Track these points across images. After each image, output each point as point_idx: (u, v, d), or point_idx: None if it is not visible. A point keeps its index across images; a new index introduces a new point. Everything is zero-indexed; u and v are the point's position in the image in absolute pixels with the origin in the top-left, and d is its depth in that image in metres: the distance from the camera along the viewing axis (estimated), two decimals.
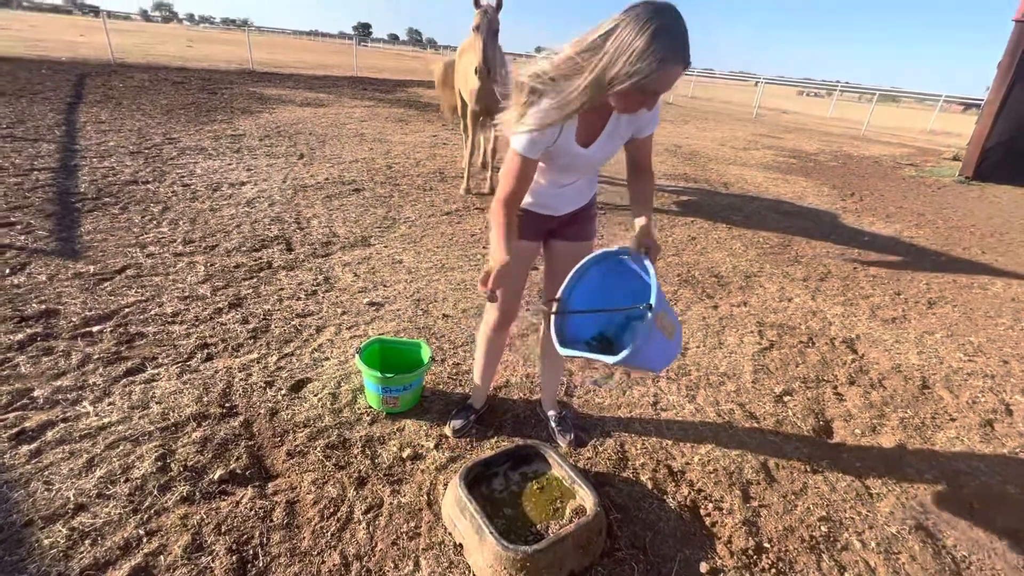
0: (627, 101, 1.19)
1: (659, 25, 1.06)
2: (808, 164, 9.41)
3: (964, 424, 2.35)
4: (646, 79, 1.09)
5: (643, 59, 1.07)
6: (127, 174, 4.59)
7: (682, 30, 1.09)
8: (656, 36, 1.06)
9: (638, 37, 1.06)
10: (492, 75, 4.08)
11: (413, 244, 3.79)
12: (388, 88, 14.69)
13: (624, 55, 1.08)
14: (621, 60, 1.09)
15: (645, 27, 1.06)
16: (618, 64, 1.10)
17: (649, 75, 1.09)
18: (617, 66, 1.10)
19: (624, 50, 1.08)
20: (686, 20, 1.09)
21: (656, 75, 1.09)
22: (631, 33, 1.07)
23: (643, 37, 1.06)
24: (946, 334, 3.23)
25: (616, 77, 1.11)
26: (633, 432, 2.07)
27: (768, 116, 19.15)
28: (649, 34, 1.06)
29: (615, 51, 1.09)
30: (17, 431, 1.74)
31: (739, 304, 3.34)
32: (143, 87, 9.75)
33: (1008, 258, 4.99)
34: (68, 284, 2.71)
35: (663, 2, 1.09)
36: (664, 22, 1.07)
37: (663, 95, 1.23)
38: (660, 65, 1.07)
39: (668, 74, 1.10)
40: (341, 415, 2.00)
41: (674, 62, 1.09)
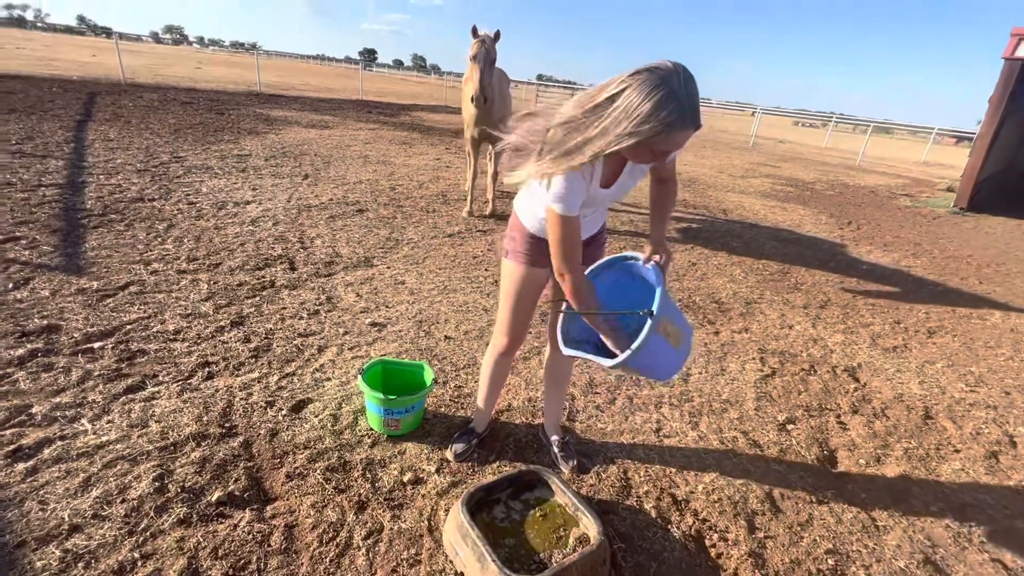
0: (636, 156, 1.23)
1: (667, 91, 1.07)
2: (805, 193, 9.54)
3: (969, 456, 2.33)
4: (651, 140, 1.11)
5: (648, 122, 1.08)
6: (134, 191, 4.63)
7: (690, 94, 1.09)
8: (663, 102, 1.07)
9: (645, 101, 1.07)
10: (488, 103, 4.20)
11: (416, 265, 3.80)
12: (392, 112, 14.95)
13: (629, 117, 1.10)
14: (626, 122, 1.10)
15: (652, 93, 1.07)
16: (623, 124, 1.11)
17: (653, 137, 1.11)
18: (622, 126, 1.11)
19: (630, 113, 1.09)
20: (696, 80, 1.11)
21: (661, 137, 1.11)
22: (638, 97, 1.08)
23: (650, 102, 1.07)
24: (947, 364, 3.23)
25: (620, 136, 1.12)
26: (636, 459, 2.05)
27: (765, 145, 19.48)
28: (656, 100, 1.07)
29: (621, 112, 1.11)
30: (14, 448, 1.72)
31: (740, 330, 3.34)
32: (152, 107, 9.91)
33: (1005, 288, 5.03)
34: (71, 300, 2.71)
35: (673, 66, 1.10)
36: (673, 87, 1.07)
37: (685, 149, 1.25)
38: (666, 129, 1.09)
39: (674, 137, 1.12)
40: (342, 437, 1.98)
41: (681, 127, 1.10)
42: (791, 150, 18.86)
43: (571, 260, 1.39)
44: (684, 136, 1.14)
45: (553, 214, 1.35)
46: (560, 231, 1.36)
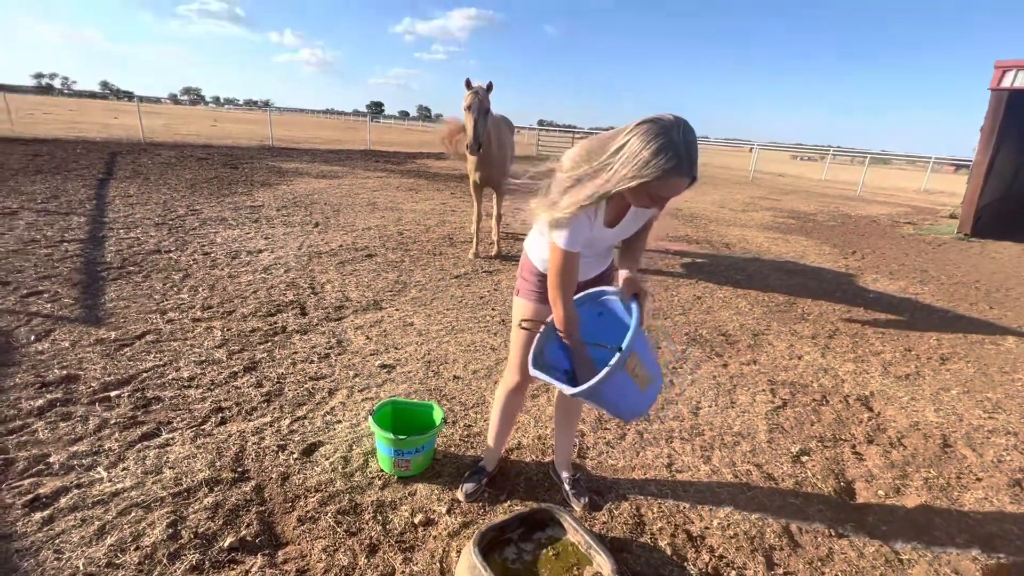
0: (636, 200, 1.32)
1: (666, 141, 1.18)
2: (807, 224, 9.63)
3: (992, 484, 2.28)
4: (648, 185, 1.22)
5: (647, 168, 1.19)
6: (151, 244, 4.80)
7: (688, 145, 1.20)
8: (661, 150, 1.18)
9: (645, 148, 1.19)
10: (481, 150, 4.41)
11: (424, 307, 3.87)
12: (399, 160, 15.47)
13: (631, 162, 1.21)
14: (628, 166, 1.21)
15: (652, 141, 1.19)
16: (626, 168, 1.22)
17: (651, 181, 1.21)
18: (625, 169, 1.22)
19: (632, 158, 1.21)
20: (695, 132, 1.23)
21: (658, 183, 1.22)
22: (640, 144, 1.20)
23: (649, 149, 1.19)
24: (962, 390, 3.19)
25: (623, 179, 1.23)
26: (649, 495, 2.02)
27: (764, 179, 19.80)
28: (655, 148, 1.18)
29: (625, 158, 1.22)
30: (31, 497, 1.75)
31: (749, 362, 3.34)
32: (170, 163, 10.35)
33: (1017, 313, 4.98)
34: (90, 350, 2.78)
35: (674, 119, 1.21)
36: (671, 138, 1.19)
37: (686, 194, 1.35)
38: (663, 175, 1.20)
39: (670, 184, 1.23)
40: (352, 479, 1.99)
41: (677, 175, 1.21)
42: (791, 183, 19.14)
43: (565, 290, 1.47)
44: (681, 184, 1.24)
45: (555, 248, 1.44)
46: (559, 263, 1.44)
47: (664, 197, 1.29)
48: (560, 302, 1.48)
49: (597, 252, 1.64)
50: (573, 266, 1.46)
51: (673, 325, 3.91)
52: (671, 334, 3.71)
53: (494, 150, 4.83)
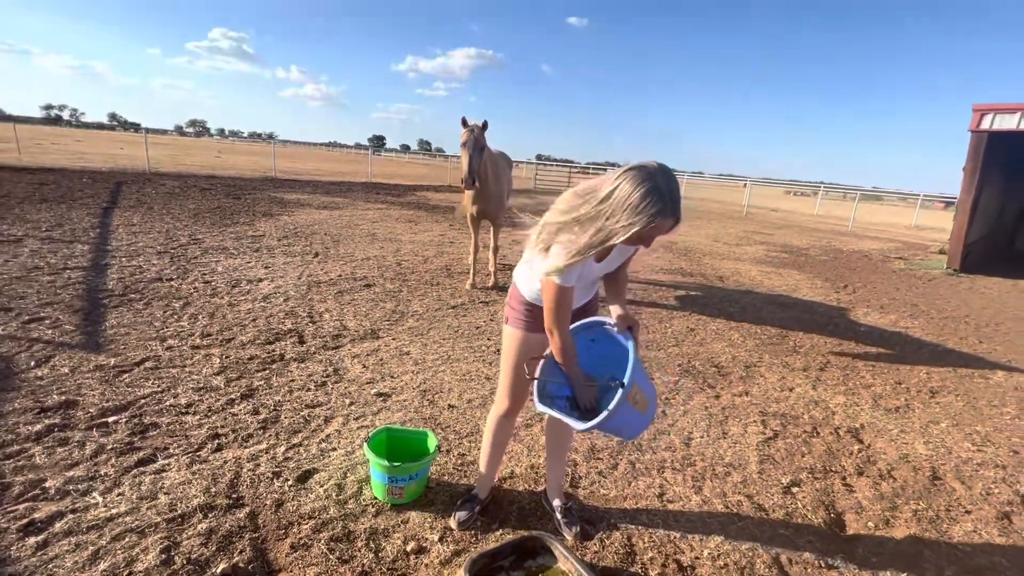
0: (628, 240, 1.41)
1: (652, 186, 1.30)
2: (799, 258, 9.80)
3: (980, 517, 2.30)
4: (641, 229, 1.33)
5: (637, 214, 1.30)
6: (153, 272, 4.87)
7: (672, 189, 1.32)
8: (648, 195, 1.29)
9: (634, 193, 1.30)
10: (476, 185, 4.57)
11: (420, 336, 3.92)
12: (400, 192, 15.77)
13: (623, 209, 1.32)
14: (620, 213, 1.32)
15: (640, 186, 1.30)
16: (618, 215, 1.33)
17: (644, 226, 1.32)
18: (617, 217, 1.33)
19: (622, 205, 1.32)
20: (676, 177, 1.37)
21: (650, 227, 1.32)
22: (629, 189, 1.31)
23: (638, 194, 1.30)
24: (952, 423, 3.22)
25: (619, 230, 1.34)
26: (640, 524, 2.04)
27: (758, 214, 20.18)
28: (644, 192, 1.29)
29: (617, 204, 1.33)
30: (26, 522, 1.76)
31: (740, 394, 3.38)
32: (173, 193, 10.54)
33: (1006, 347, 5.05)
34: (89, 376, 2.81)
35: (657, 166, 1.34)
36: (656, 184, 1.30)
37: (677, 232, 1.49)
38: (652, 218, 1.31)
39: (660, 226, 1.34)
40: (346, 507, 2.00)
41: (664, 216, 1.32)
42: (783, 218, 19.50)
43: (561, 322, 1.55)
44: (667, 224, 1.35)
45: (551, 283, 1.51)
46: (555, 298, 1.52)
47: (652, 237, 1.40)
48: (557, 332, 1.55)
49: (585, 284, 1.72)
50: (568, 299, 1.55)
51: (667, 356, 3.96)
52: (664, 365, 3.75)
53: (491, 184, 4.99)
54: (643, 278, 6.72)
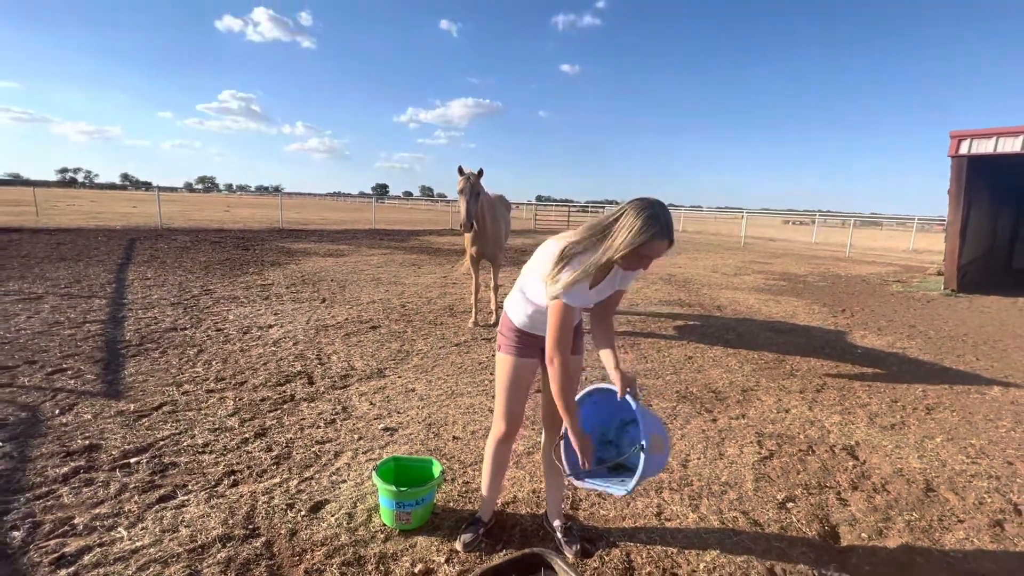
0: (629, 261, 1.65)
1: (651, 214, 1.58)
2: (798, 285, 9.94)
3: (973, 525, 2.35)
4: (641, 246, 1.59)
5: (639, 234, 1.57)
6: (167, 322, 5.08)
7: (667, 217, 1.61)
8: (648, 220, 1.57)
9: (636, 219, 1.58)
10: (473, 228, 4.84)
11: (425, 374, 4.06)
12: (403, 237, 16.19)
13: (627, 230, 1.59)
14: (625, 233, 1.59)
15: (641, 213, 1.59)
16: (623, 235, 1.60)
17: (643, 244, 1.58)
18: (622, 236, 1.60)
19: (627, 227, 1.59)
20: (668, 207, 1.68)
21: (648, 245, 1.59)
22: (632, 217, 1.60)
23: (640, 219, 1.58)
24: (946, 438, 3.28)
25: (622, 243, 1.60)
26: (638, 542, 2.12)
27: (756, 244, 20.45)
28: (644, 218, 1.58)
29: (622, 228, 1.60)
30: (57, 556, 1.87)
31: (737, 417, 3.46)
32: (185, 247, 10.92)
33: (1004, 363, 5.11)
34: (110, 421, 2.96)
35: (654, 199, 1.64)
36: (654, 211, 1.59)
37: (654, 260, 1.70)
38: (651, 238, 1.57)
39: (656, 245, 1.60)
40: (356, 533, 2.10)
41: (660, 238, 1.59)
42: (781, 247, 19.75)
43: (563, 344, 1.72)
44: (663, 246, 1.61)
45: (559, 304, 1.69)
46: (560, 318, 1.70)
47: (650, 257, 1.64)
48: (558, 356, 1.71)
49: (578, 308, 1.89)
50: (571, 320, 1.74)
51: (664, 384, 4.06)
52: (661, 393, 3.85)
53: (488, 226, 5.25)
54: (643, 310, 6.87)
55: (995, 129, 8.26)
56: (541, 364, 2.02)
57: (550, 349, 1.71)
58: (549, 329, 1.72)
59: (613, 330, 1.94)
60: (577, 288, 1.69)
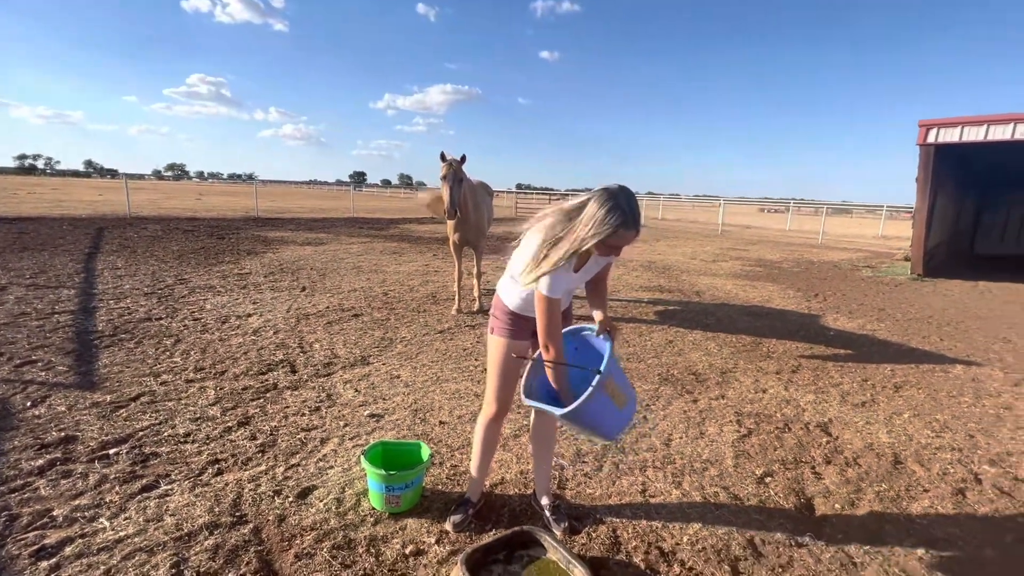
0: (600, 250, 1.66)
1: (614, 204, 1.57)
2: (773, 271, 10.17)
3: (937, 494, 2.48)
4: (606, 238, 1.58)
5: (603, 226, 1.56)
6: (142, 312, 4.94)
7: (631, 206, 1.59)
8: (612, 211, 1.56)
9: (600, 210, 1.57)
10: (457, 215, 4.80)
11: (409, 360, 4.05)
12: (382, 226, 15.98)
13: (591, 223, 1.58)
14: (589, 226, 1.59)
15: (605, 204, 1.57)
16: (588, 229, 1.59)
17: (608, 235, 1.58)
18: (587, 230, 1.59)
19: (590, 220, 1.58)
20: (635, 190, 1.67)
21: (613, 236, 1.58)
22: (595, 208, 1.58)
23: (603, 210, 1.56)
24: (913, 414, 3.44)
25: (589, 235, 1.59)
26: (624, 518, 2.17)
27: (733, 231, 20.82)
28: (608, 209, 1.56)
29: (586, 220, 1.59)
30: (37, 548, 1.83)
31: (717, 397, 3.56)
32: (156, 236, 10.59)
33: (965, 343, 5.35)
34: (86, 412, 2.88)
35: (618, 187, 1.61)
36: (617, 202, 1.57)
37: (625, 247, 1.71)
38: (615, 229, 1.57)
39: (621, 236, 1.60)
40: (346, 518, 2.10)
41: (626, 228, 1.59)
42: (757, 234, 20.14)
43: (554, 335, 1.74)
44: (630, 235, 1.60)
45: (541, 297, 1.71)
46: (547, 311, 1.72)
47: (618, 246, 1.65)
48: (552, 346, 1.73)
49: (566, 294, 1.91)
50: (558, 310, 1.75)
51: (646, 367, 4.13)
52: (644, 376, 3.92)
53: (471, 213, 5.22)
54: (624, 296, 6.95)
55: (961, 118, 8.54)
56: (532, 346, 2.04)
57: (543, 339, 1.74)
58: (539, 321, 1.74)
59: (606, 296, 1.97)
60: (557, 279, 1.70)
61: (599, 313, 1.83)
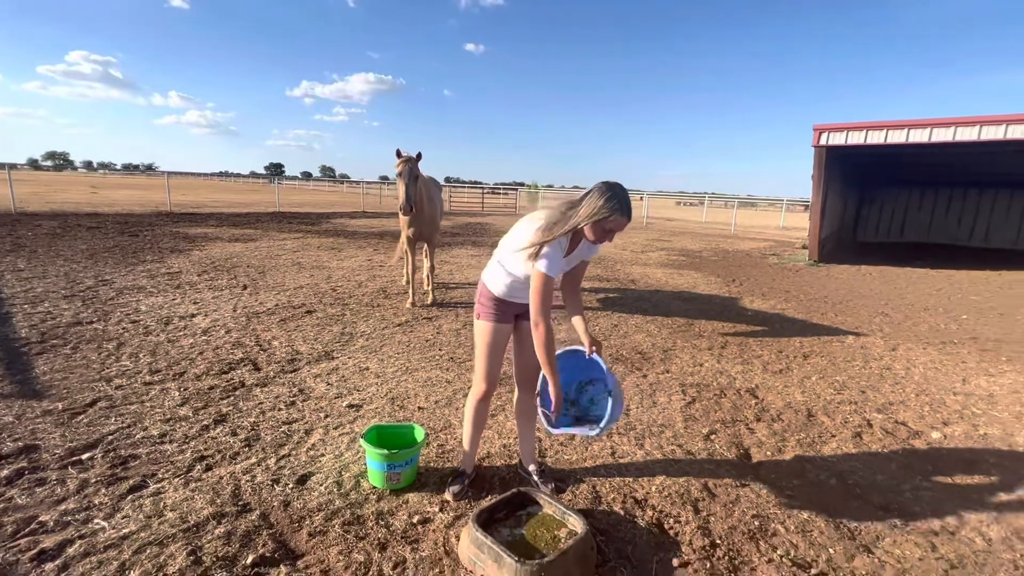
0: (594, 233, 1.93)
1: (612, 193, 1.89)
2: (695, 260, 11.11)
3: (841, 438, 3.03)
4: (604, 220, 1.88)
5: (602, 210, 1.86)
6: (67, 316, 4.58)
7: (626, 198, 1.91)
8: (610, 199, 1.88)
9: (600, 198, 1.87)
10: (413, 211, 4.92)
11: (374, 353, 4.13)
12: (313, 221, 15.38)
13: (592, 206, 1.88)
14: (590, 208, 1.88)
15: (604, 193, 1.88)
16: (589, 210, 1.88)
17: (605, 218, 1.87)
18: (589, 211, 1.88)
19: (593, 204, 1.88)
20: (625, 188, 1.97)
21: (610, 219, 1.88)
22: (596, 196, 1.89)
23: (603, 199, 1.87)
24: (819, 377, 4.08)
25: (585, 216, 1.89)
26: (600, 476, 2.48)
27: (656, 224, 22.20)
28: (607, 197, 1.87)
29: (588, 204, 1.89)
30: (37, 552, 1.80)
31: (662, 372, 4.00)
32: (55, 234, 9.57)
33: (854, 318, 6.28)
34: (40, 421, 2.73)
35: (616, 183, 1.94)
36: (615, 192, 1.90)
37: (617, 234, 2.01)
38: (611, 213, 1.87)
39: (617, 220, 1.90)
40: (349, 497, 2.23)
41: (621, 214, 1.89)
42: (678, 226, 21.64)
43: (545, 312, 1.95)
44: (623, 220, 1.91)
45: (539, 275, 1.93)
46: (542, 288, 1.93)
47: (612, 231, 1.93)
48: (542, 322, 1.94)
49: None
50: (551, 289, 1.98)
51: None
52: None
53: (425, 208, 5.34)
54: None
55: (846, 124, 9.80)
56: (515, 326, 2.28)
57: (535, 315, 1.96)
58: (532, 297, 1.97)
59: (581, 300, 2.25)
60: (554, 260, 1.94)
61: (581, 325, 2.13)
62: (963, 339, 5.47)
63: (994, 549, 2.12)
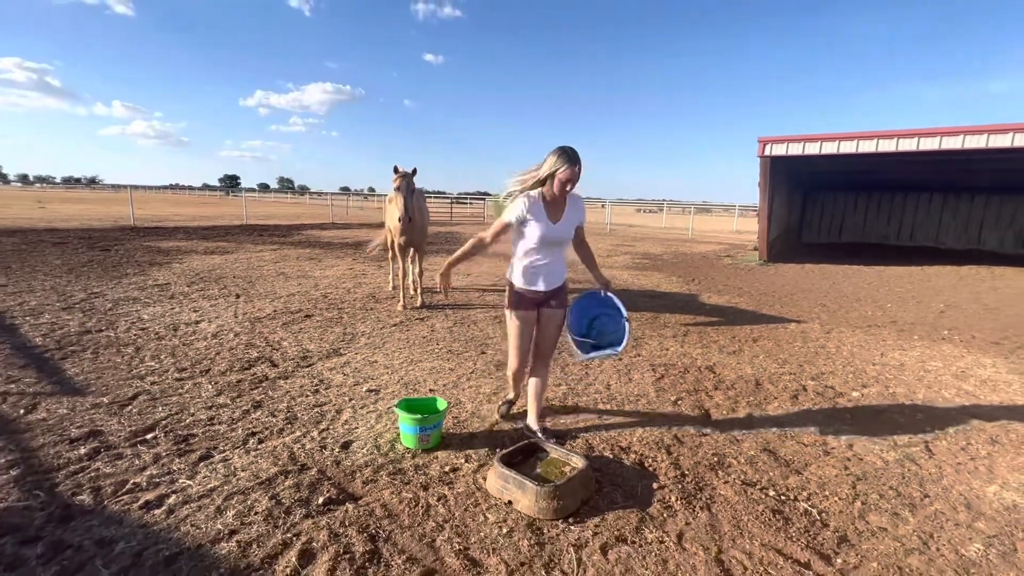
0: (556, 187, 2.51)
1: (561, 151, 2.48)
2: (657, 262, 11.94)
3: (782, 399, 3.70)
4: (556, 171, 2.47)
5: (555, 164, 2.47)
6: (75, 326, 4.78)
7: (573, 152, 2.49)
8: (560, 154, 2.49)
9: (552, 155, 2.47)
10: (411, 222, 5.44)
11: (379, 349, 4.55)
12: (283, 232, 15.45)
13: (548, 163, 2.49)
14: (547, 164, 2.49)
15: (555, 152, 2.48)
16: (545, 166, 2.50)
17: (559, 169, 2.46)
18: (545, 167, 2.50)
19: (549, 161, 2.49)
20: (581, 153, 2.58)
21: (560, 170, 2.46)
22: (550, 155, 2.49)
23: (554, 156, 2.48)
24: (766, 355, 4.78)
25: (545, 169, 2.50)
26: (591, 433, 3.03)
27: (619, 230, 23.22)
28: (556, 155, 2.47)
29: (546, 163, 2.50)
30: (143, 502, 2.19)
31: (635, 356, 4.60)
32: (20, 250, 9.43)
33: (796, 308, 7.12)
34: (93, 412, 3.04)
35: (566, 145, 2.52)
36: (564, 149, 2.50)
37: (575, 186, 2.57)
38: (560, 165, 2.45)
39: (566, 171, 2.47)
40: (388, 456, 2.69)
41: (566, 162, 2.46)
42: (639, 232, 22.72)
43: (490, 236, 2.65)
44: (572, 168, 2.48)
45: (499, 221, 2.58)
46: (495, 226, 2.62)
47: (564, 180, 2.49)
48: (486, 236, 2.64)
49: (552, 244, 2.65)
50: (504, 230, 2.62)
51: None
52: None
53: (417, 218, 5.81)
54: None
55: (786, 136, 10.87)
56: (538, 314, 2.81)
57: (482, 232, 2.65)
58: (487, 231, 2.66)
59: (591, 252, 2.91)
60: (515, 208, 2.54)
61: (594, 270, 2.84)
62: (885, 323, 6.36)
63: (889, 468, 2.79)
